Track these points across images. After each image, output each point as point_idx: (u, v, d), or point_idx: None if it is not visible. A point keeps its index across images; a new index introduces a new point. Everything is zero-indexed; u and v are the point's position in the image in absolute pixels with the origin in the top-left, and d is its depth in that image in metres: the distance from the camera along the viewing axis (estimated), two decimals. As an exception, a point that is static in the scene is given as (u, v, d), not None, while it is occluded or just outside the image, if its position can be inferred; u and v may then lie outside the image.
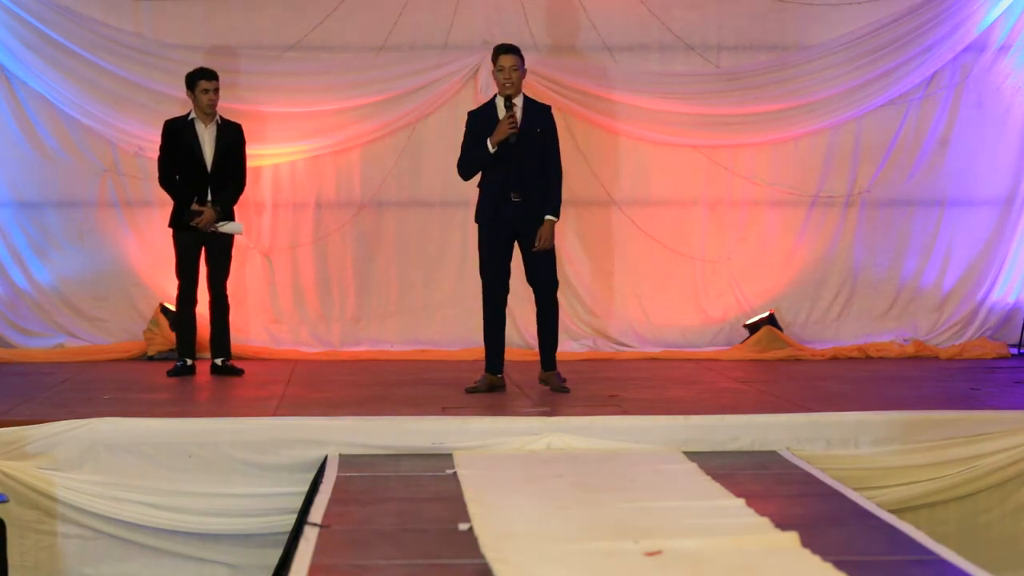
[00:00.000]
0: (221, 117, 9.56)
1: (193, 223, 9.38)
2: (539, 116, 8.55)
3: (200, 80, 9.45)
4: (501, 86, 8.47)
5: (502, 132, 8.37)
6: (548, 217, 8.51)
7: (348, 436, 7.22)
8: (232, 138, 9.53)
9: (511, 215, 8.49)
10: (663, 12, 10.97)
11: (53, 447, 7.11)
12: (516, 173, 8.45)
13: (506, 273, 8.59)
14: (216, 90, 9.44)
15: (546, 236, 8.50)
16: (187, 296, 9.53)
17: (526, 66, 8.64)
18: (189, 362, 9.53)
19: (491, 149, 8.39)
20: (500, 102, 8.49)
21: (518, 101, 8.50)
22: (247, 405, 8.36)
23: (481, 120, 8.55)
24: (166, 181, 9.53)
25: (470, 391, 8.59)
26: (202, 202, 9.39)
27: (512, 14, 10.86)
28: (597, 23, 10.93)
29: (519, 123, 8.41)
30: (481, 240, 8.63)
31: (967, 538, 7.32)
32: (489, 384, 8.65)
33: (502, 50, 8.52)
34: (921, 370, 10.15)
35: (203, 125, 9.46)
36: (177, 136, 9.47)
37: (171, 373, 9.49)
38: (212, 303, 9.58)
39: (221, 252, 9.52)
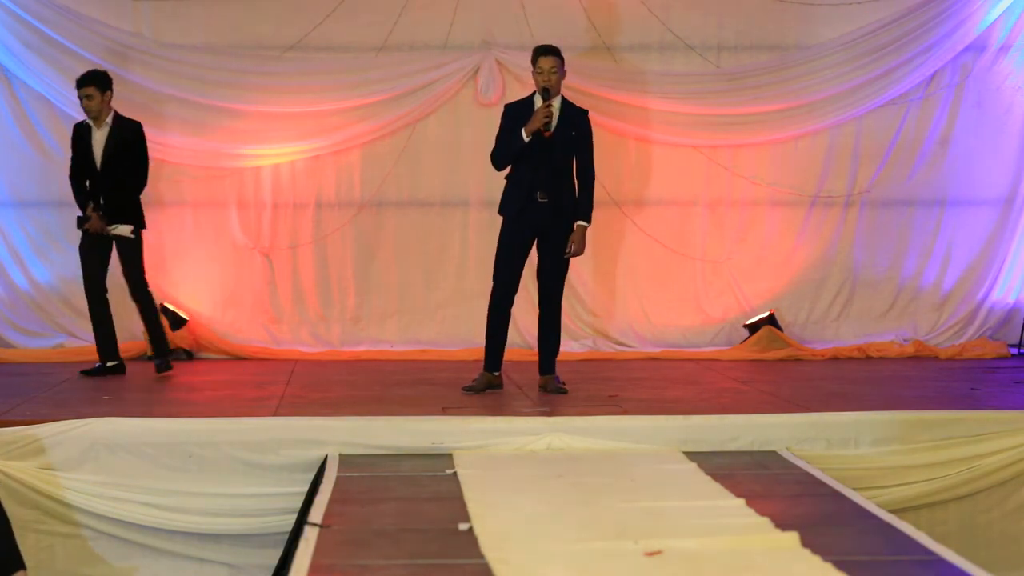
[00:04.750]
0: (117, 117, 9.38)
1: (83, 228, 9.35)
2: (575, 119, 8.52)
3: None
4: (540, 88, 8.44)
5: (537, 121, 8.34)
6: (580, 223, 8.51)
7: (348, 436, 7.22)
8: (124, 137, 9.34)
9: (536, 215, 8.47)
10: (663, 12, 10.97)
11: (53, 447, 7.11)
12: (545, 172, 8.43)
13: (519, 273, 8.55)
14: (89, 96, 9.25)
15: (578, 242, 8.51)
16: (93, 295, 9.41)
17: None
18: (109, 364, 9.40)
19: (525, 138, 8.36)
20: (538, 97, 8.45)
21: (556, 101, 8.47)
22: (247, 405, 8.35)
23: (517, 113, 8.51)
24: (70, 182, 9.46)
25: (467, 390, 8.58)
26: (97, 205, 9.33)
27: (512, 14, 10.85)
28: (597, 23, 10.93)
29: (554, 121, 8.38)
30: (503, 234, 8.58)
31: (967, 538, 7.33)
32: (487, 382, 8.63)
33: (541, 51, 8.48)
34: (921, 370, 10.14)
35: (95, 127, 9.36)
36: (77, 138, 9.42)
37: (86, 373, 9.37)
38: (133, 301, 9.47)
39: (124, 250, 9.38)
